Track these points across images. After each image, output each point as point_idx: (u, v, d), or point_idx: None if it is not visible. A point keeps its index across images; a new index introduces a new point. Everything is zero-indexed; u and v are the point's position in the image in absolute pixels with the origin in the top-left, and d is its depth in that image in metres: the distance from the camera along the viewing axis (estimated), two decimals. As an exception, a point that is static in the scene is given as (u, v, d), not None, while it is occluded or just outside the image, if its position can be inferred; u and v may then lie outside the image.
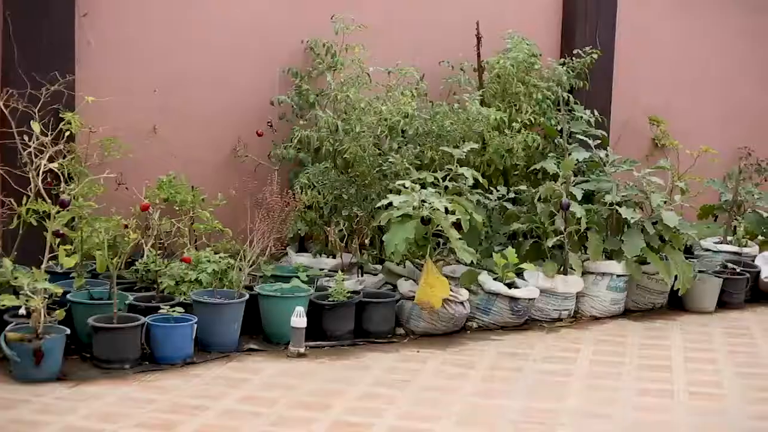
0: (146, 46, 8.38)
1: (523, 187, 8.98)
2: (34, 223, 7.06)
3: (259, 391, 6.30)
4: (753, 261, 9.92)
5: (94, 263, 7.26)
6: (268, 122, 8.88)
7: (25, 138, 7.13)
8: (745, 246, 10.12)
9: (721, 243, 10.17)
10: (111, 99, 7.86)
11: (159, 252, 7.68)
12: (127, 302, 6.99)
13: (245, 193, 8.15)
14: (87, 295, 7.02)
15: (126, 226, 7.27)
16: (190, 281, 7.34)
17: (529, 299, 8.13)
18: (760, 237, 10.43)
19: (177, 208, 8.01)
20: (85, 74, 7.91)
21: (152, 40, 8.40)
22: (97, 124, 7.74)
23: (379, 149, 8.41)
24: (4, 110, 7.27)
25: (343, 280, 7.60)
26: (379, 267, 8.50)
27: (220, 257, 7.55)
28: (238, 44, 8.79)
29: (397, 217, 7.62)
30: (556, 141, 9.36)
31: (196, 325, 6.80)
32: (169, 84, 8.49)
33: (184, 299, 7.17)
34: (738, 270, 9.55)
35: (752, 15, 12.09)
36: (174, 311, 6.78)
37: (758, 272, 9.71)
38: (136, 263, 7.57)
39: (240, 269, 7.42)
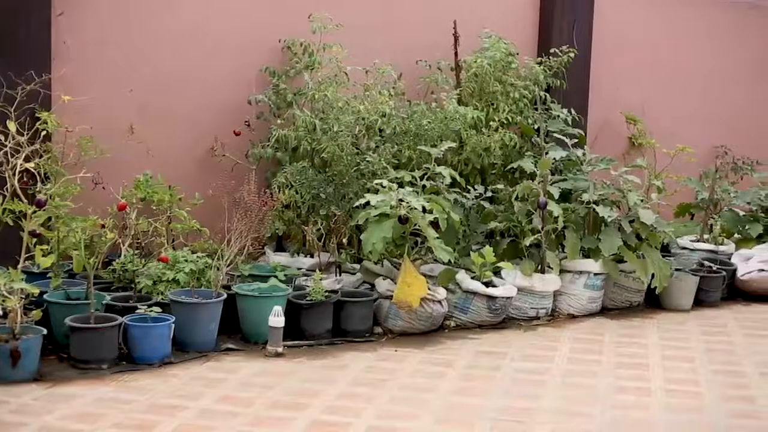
0: (123, 45, 8.36)
1: (500, 186, 8.99)
2: (11, 223, 7.00)
3: (237, 390, 6.29)
4: (729, 259, 9.96)
5: (71, 263, 7.23)
6: (246, 121, 8.86)
7: (1, 137, 7.09)
8: (722, 244, 10.17)
9: (698, 241, 10.22)
10: (87, 98, 7.83)
11: (136, 252, 7.66)
12: (104, 302, 6.97)
13: (223, 193, 8.13)
14: (64, 295, 6.99)
15: (103, 226, 7.26)
16: (168, 281, 7.32)
17: (507, 298, 8.15)
18: (736, 235, 10.49)
19: (154, 208, 8.00)
20: (61, 73, 7.87)
21: (129, 39, 8.38)
22: (74, 123, 7.71)
23: (356, 148, 8.41)
24: (-20, 110, 7.25)
25: (321, 280, 7.59)
26: (357, 266, 8.50)
27: (197, 257, 7.53)
28: (216, 43, 8.77)
29: (375, 216, 7.62)
30: (533, 140, 9.38)
31: (173, 325, 6.78)
32: (146, 83, 8.47)
33: (162, 299, 7.15)
34: (714, 268, 9.59)
35: (730, 13, 12.15)
36: (151, 311, 6.75)
37: (734, 270, 9.75)
38: (114, 263, 7.55)
39: (218, 269, 7.40)
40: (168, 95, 8.58)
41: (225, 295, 7.23)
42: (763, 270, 9.65)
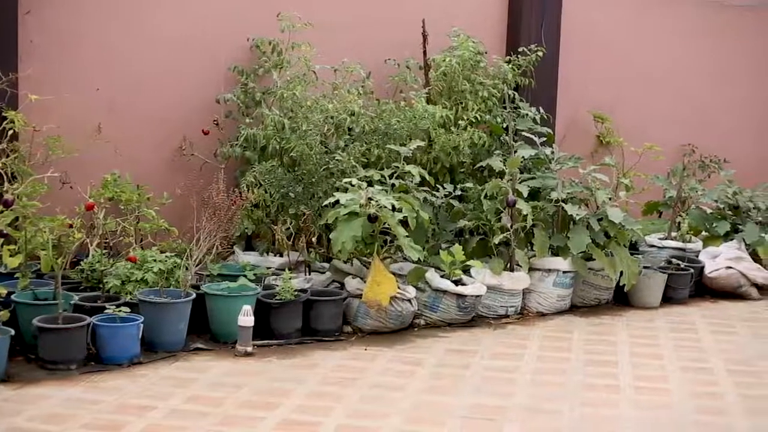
0: (91, 44, 8.32)
1: (469, 185, 9.00)
2: (-23, 224, 6.98)
3: (206, 390, 6.27)
4: (697, 256, 10.01)
5: (39, 263, 7.19)
6: (214, 120, 8.83)
7: (-33, 137, 7.06)
8: (689, 242, 10.21)
9: (666, 239, 10.26)
10: (55, 97, 7.79)
11: (104, 251, 7.63)
12: (72, 302, 6.92)
13: (191, 192, 8.11)
14: (32, 296, 6.95)
15: (71, 226, 7.22)
16: (136, 281, 7.29)
17: (476, 296, 8.16)
18: (704, 233, 10.53)
19: (122, 207, 7.97)
20: (28, 72, 7.83)
21: (97, 38, 8.35)
22: (41, 122, 7.67)
23: (325, 147, 8.41)
24: (-54, 109, 7.20)
25: (290, 279, 7.58)
26: (326, 265, 8.49)
27: (166, 256, 7.50)
28: (184, 42, 8.74)
29: (344, 215, 7.61)
30: (502, 138, 9.40)
31: (142, 325, 6.75)
32: (114, 82, 8.44)
33: (130, 299, 7.11)
34: (682, 265, 9.63)
35: (698, 13, 12.21)
36: (120, 311, 6.72)
37: (702, 267, 9.80)
38: (82, 263, 7.51)
39: (186, 268, 7.38)
40: (136, 94, 8.55)
41: (194, 295, 7.21)
42: (730, 267, 9.70)
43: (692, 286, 9.64)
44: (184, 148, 8.72)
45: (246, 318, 7.06)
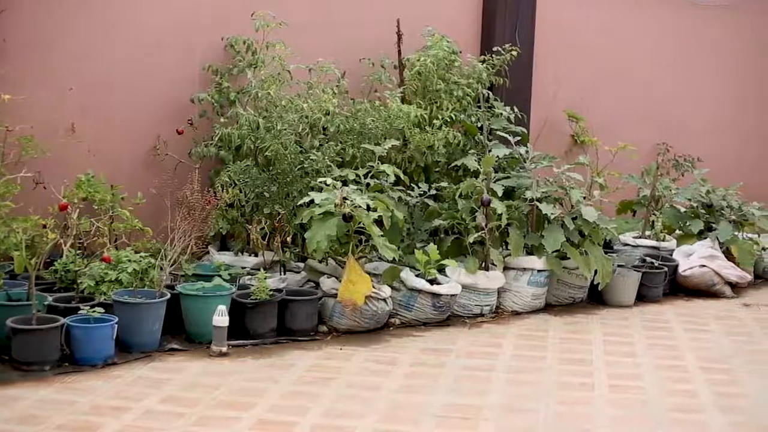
0: (64, 43, 8.28)
1: (444, 184, 9.02)
2: (-50, 224, 6.95)
3: (181, 391, 6.26)
4: (671, 255, 10.05)
5: (12, 264, 7.16)
6: (189, 120, 8.82)
7: (-60, 137, 7.02)
8: (663, 240, 10.26)
9: (640, 237, 10.30)
10: (28, 97, 7.75)
11: (78, 252, 7.60)
12: (46, 303, 6.89)
13: (166, 192, 8.09)
14: (5, 297, 6.91)
15: (44, 226, 7.19)
16: (111, 281, 7.26)
17: (451, 295, 8.17)
18: (677, 231, 10.58)
19: (96, 207, 7.94)
20: (1, 72, 7.78)
21: (70, 38, 8.31)
22: (14, 122, 7.61)
23: (300, 147, 8.40)
24: None
25: (265, 278, 7.57)
26: (301, 265, 8.49)
27: (140, 256, 7.47)
28: (158, 41, 8.72)
29: (319, 214, 7.61)
30: (476, 138, 9.42)
31: (116, 326, 6.72)
32: (88, 82, 8.40)
33: (105, 299, 7.08)
34: (656, 264, 9.67)
35: (671, 12, 12.27)
36: (94, 312, 6.70)
37: (676, 266, 9.85)
38: (55, 263, 7.48)
39: (161, 268, 7.36)
40: (110, 94, 8.52)
41: (168, 295, 7.19)
42: (704, 266, 9.75)
43: (666, 285, 9.68)
44: (158, 148, 8.70)
45: (221, 318, 7.04)
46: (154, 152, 8.70)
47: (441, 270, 8.38)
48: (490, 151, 8.99)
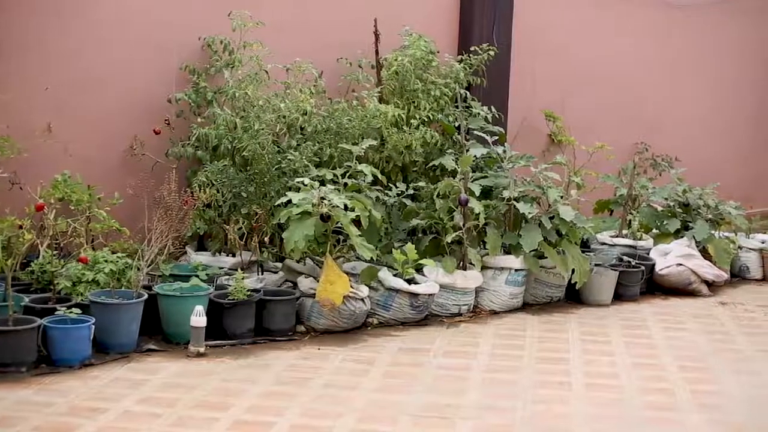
0: (41, 43, 8.25)
1: (422, 184, 9.03)
2: (-75, 225, 6.91)
3: (159, 391, 6.24)
4: (648, 254, 10.09)
5: (-12, 265, 7.13)
6: (166, 120, 8.79)
7: None
8: (640, 239, 10.30)
9: (617, 237, 10.34)
10: (4, 97, 7.72)
11: (55, 252, 7.57)
12: (22, 304, 6.86)
13: (143, 192, 8.07)
14: (-19, 298, 6.90)
15: (21, 227, 7.16)
16: (88, 282, 7.24)
17: (429, 295, 8.18)
18: (654, 230, 10.62)
19: (73, 208, 7.90)
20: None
21: (46, 37, 8.27)
22: (-10, 122, 7.62)
23: (278, 147, 8.40)
24: None
25: (242, 279, 7.56)
26: (279, 265, 8.48)
27: (117, 257, 7.45)
28: (135, 41, 8.69)
29: (297, 214, 7.61)
30: (454, 137, 9.44)
31: (93, 326, 6.71)
32: (64, 82, 8.36)
33: (82, 300, 7.06)
34: (633, 263, 9.71)
35: (647, 12, 12.31)
36: (71, 312, 6.68)
37: (653, 265, 9.89)
38: (32, 264, 7.45)
39: (138, 269, 7.34)
40: (86, 94, 8.48)
41: (146, 296, 7.17)
42: (680, 264, 9.79)
43: (643, 284, 9.72)
44: (135, 148, 8.67)
45: (198, 318, 7.03)
46: (131, 152, 8.67)
47: (419, 270, 8.40)
48: (467, 150, 9.00)
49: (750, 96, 13.64)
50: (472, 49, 9.97)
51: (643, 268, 9.69)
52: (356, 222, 7.82)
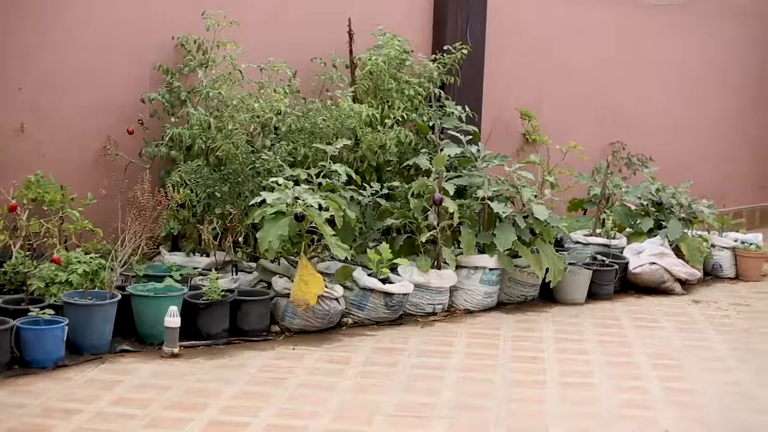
0: (12, 43, 8.19)
1: (396, 183, 9.03)
2: None
3: (133, 392, 6.23)
4: (621, 253, 10.12)
5: (-40, 266, 7.10)
6: (139, 120, 8.75)
7: None
8: (614, 238, 10.33)
9: (591, 235, 10.37)
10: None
11: (28, 253, 7.53)
12: (-5, 305, 6.84)
13: (116, 192, 8.03)
14: (-47, 299, 6.86)
15: (-7, 228, 7.13)
16: (61, 282, 7.20)
17: (404, 294, 8.18)
18: (628, 229, 10.66)
19: (46, 208, 7.86)
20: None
21: (18, 37, 8.22)
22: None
23: (252, 147, 8.38)
24: None
25: (217, 279, 7.55)
26: (253, 265, 8.46)
27: (91, 257, 7.42)
28: (108, 41, 8.64)
29: (271, 214, 7.60)
30: (428, 137, 9.44)
31: (67, 327, 6.68)
32: (37, 82, 8.31)
33: (55, 301, 7.03)
34: (607, 262, 9.74)
35: (621, 12, 12.37)
36: (44, 313, 6.65)
37: (627, 263, 9.92)
38: (5, 265, 7.40)
39: (112, 269, 7.32)
40: (59, 94, 8.43)
41: (119, 296, 7.14)
42: (654, 263, 9.83)
43: (617, 282, 9.75)
44: (108, 148, 8.63)
45: (172, 319, 7.01)
46: (105, 152, 8.63)
47: (393, 269, 8.39)
48: (441, 150, 9.00)
49: (723, 96, 13.77)
50: (446, 48, 9.98)
51: (616, 266, 9.72)
52: (331, 222, 7.82)
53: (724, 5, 13.54)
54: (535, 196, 9.06)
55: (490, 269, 8.77)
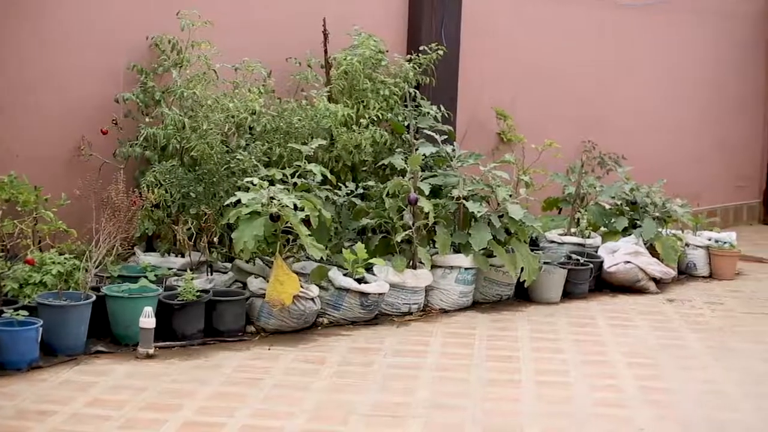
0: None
1: (371, 183, 9.03)
2: None
3: (108, 393, 6.21)
4: (596, 252, 10.16)
5: (-67, 268, 7.05)
6: (113, 120, 8.71)
7: None
8: (589, 237, 10.36)
9: (565, 235, 10.39)
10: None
11: (1, 254, 7.49)
12: (-32, 307, 6.80)
13: (90, 193, 7.99)
14: (-74, 301, 6.81)
15: (-34, 229, 7.09)
16: (35, 283, 7.17)
17: (379, 294, 8.19)
18: (602, 228, 10.69)
19: (19, 209, 7.82)
20: None
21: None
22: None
23: (226, 147, 8.36)
24: None
25: (192, 279, 7.53)
26: (228, 265, 8.45)
27: (65, 258, 7.39)
28: (81, 41, 8.60)
29: (246, 214, 7.59)
30: (403, 137, 9.44)
31: (41, 329, 6.65)
32: (9, 82, 8.27)
33: (29, 302, 6.99)
34: (582, 261, 9.77)
35: (595, 11, 12.41)
36: (18, 315, 6.62)
37: (601, 262, 9.95)
38: (-22, 266, 7.38)
39: (86, 270, 7.29)
40: (31, 94, 8.38)
41: (94, 297, 7.12)
42: (629, 262, 9.86)
43: (592, 281, 9.78)
44: (82, 149, 8.59)
45: (147, 320, 7.00)
46: (79, 153, 8.58)
47: (369, 269, 8.40)
48: (417, 149, 9.01)
49: (697, 95, 13.82)
50: (421, 48, 9.99)
51: (591, 265, 9.75)
52: (306, 222, 7.81)
53: (699, 5, 13.60)
54: (510, 196, 9.09)
55: (466, 269, 8.79)
